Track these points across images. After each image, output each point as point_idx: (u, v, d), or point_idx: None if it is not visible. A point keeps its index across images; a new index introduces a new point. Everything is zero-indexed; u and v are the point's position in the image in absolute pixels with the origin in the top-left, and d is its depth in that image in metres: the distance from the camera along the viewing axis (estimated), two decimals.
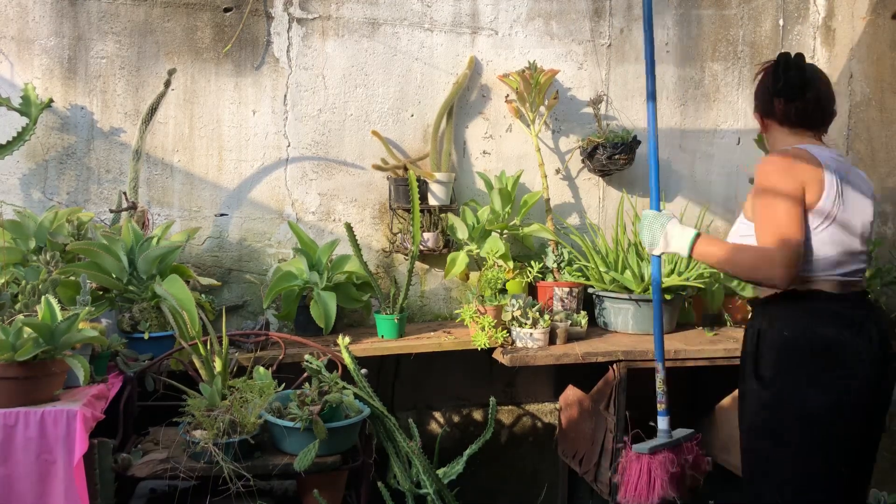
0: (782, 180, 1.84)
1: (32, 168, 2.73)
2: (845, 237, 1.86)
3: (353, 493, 2.37)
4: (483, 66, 3.11)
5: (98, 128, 2.78)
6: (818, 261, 1.85)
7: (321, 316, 2.61)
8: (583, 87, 3.21)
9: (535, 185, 3.15)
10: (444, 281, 3.08)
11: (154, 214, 2.82)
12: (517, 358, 2.55)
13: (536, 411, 3.27)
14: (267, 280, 2.87)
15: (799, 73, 1.94)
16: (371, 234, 3.03)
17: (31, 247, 2.36)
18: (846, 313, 1.84)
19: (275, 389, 2.21)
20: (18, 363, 1.78)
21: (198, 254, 2.87)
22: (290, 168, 2.94)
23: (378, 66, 3.01)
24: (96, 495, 1.87)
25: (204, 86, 2.86)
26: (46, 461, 1.78)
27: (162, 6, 2.81)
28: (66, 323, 1.83)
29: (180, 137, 2.85)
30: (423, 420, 3.14)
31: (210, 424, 2.03)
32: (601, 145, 3.03)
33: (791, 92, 1.94)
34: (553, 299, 2.87)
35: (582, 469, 2.80)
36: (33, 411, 1.78)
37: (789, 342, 1.85)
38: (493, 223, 2.92)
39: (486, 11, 3.10)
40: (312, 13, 2.94)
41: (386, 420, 2.27)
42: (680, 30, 3.28)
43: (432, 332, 2.80)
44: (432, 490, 2.23)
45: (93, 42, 2.77)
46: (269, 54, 2.91)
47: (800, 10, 3.38)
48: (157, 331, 2.36)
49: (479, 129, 3.13)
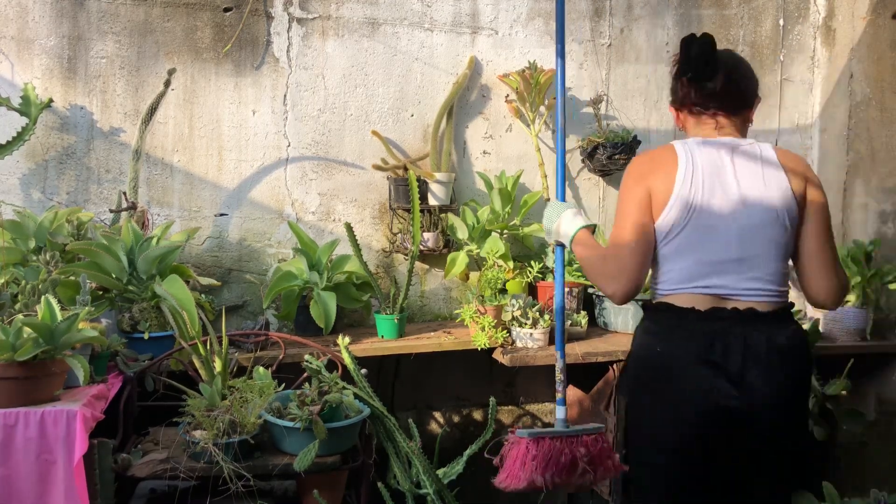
0: (631, 188, 1.76)
1: (32, 168, 2.73)
2: (703, 246, 1.72)
3: (353, 493, 2.37)
4: (483, 65, 3.11)
5: (98, 128, 2.78)
6: (669, 272, 1.76)
7: (321, 316, 2.61)
8: (583, 87, 3.21)
9: (535, 185, 3.15)
10: (444, 281, 3.08)
11: (154, 214, 2.82)
12: (517, 358, 2.55)
13: (536, 411, 3.27)
14: (267, 280, 2.87)
15: (703, 49, 1.76)
16: (371, 234, 3.03)
17: (30, 247, 2.36)
18: (690, 327, 1.72)
19: (275, 389, 2.21)
20: (18, 363, 1.78)
21: (198, 254, 2.87)
22: (290, 168, 2.94)
23: (378, 66, 3.01)
24: (96, 495, 1.87)
25: (204, 86, 2.86)
26: (46, 461, 1.78)
27: (162, 6, 2.81)
28: (66, 323, 1.83)
29: (180, 137, 2.85)
30: (423, 420, 3.14)
31: (210, 424, 2.03)
32: (601, 145, 3.03)
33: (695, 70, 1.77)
34: (553, 299, 2.87)
35: None
36: (33, 411, 1.78)
37: (632, 358, 1.87)
38: (493, 223, 2.92)
39: (486, 11, 3.10)
40: (312, 13, 2.94)
41: (386, 420, 2.27)
42: (680, 30, 3.28)
43: (432, 332, 2.79)
44: (432, 490, 2.22)
45: (93, 42, 2.76)
46: (269, 54, 2.91)
47: (800, 10, 3.38)
48: (157, 331, 2.36)
49: (479, 128, 3.12)
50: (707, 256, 1.72)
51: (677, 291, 1.76)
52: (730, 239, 1.71)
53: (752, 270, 1.71)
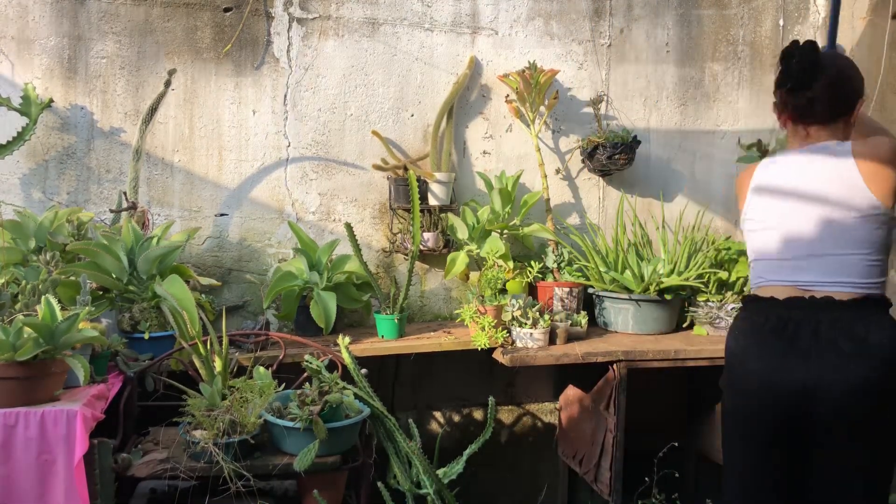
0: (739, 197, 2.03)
1: (32, 168, 2.73)
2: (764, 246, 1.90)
3: (353, 493, 2.37)
4: (483, 66, 3.11)
5: (98, 128, 2.78)
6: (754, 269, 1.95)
7: (321, 316, 2.61)
8: (583, 87, 3.21)
9: (535, 185, 3.15)
10: (444, 281, 3.08)
11: (154, 214, 2.82)
12: (517, 358, 2.55)
13: (536, 411, 3.28)
14: (267, 280, 2.87)
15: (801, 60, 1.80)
16: (371, 234, 3.03)
17: (31, 247, 2.36)
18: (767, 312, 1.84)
19: (275, 389, 2.21)
20: (18, 363, 1.78)
21: (198, 254, 2.87)
22: (290, 168, 2.94)
23: (378, 65, 3.01)
24: (96, 495, 1.87)
25: (204, 86, 2.86)
26: (46, 461, 1.78)
27: (162, 6, 2.81)
28: (66, 323, 1.83)
29: (180, 137, 2.85)
30: (423, 420, 3.14)
31: (210, 424, 2.03)
32: (601, 145, 3.03)
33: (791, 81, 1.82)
34: (553, 299, 2.87)
35: (582, 469, 2.80)
36: (33, 411, 1.78)
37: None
38: (493, 223, 2.92)
39: (486, 11, 3.10)
40: (312, 13, 2.94)
41: (386, 420, 2.27)
42: (680, 30, 3.28)
43: (432, 332, 2.79)
44: (432, 490, 2.22)
45: (93, 42, 2.77)
46: (269, 54, 2.91)
47: (800, 10, 3.37)
48: (157, 331, 2.36)
49: (480, 129, 3.13)
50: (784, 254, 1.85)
51: (761, 284, 1.91)
52: (802, 235, 1.82)
53: (830, 263, 1.79)
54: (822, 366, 1.72)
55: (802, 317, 1.77)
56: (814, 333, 1.75)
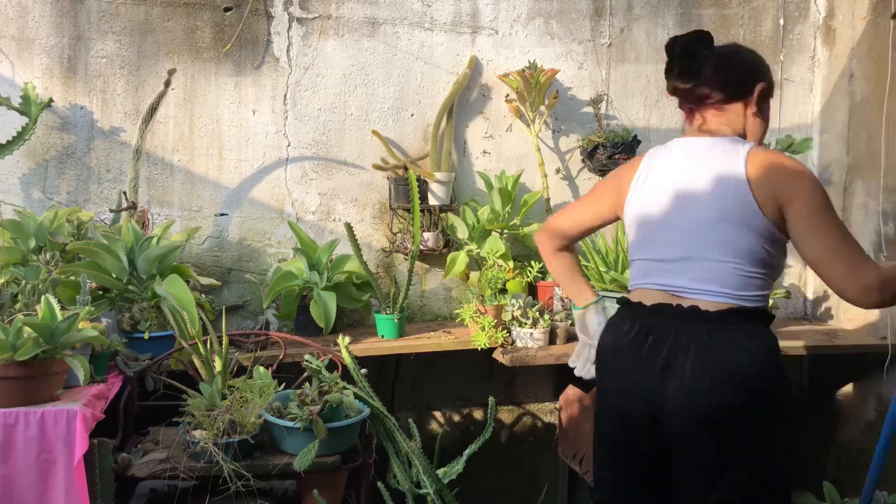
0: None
1: (32, 167, 2.73)
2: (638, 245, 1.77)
3: (353, 493, 2.37)
4: (483, 65, 3.10)
5: (98, 127, 2.78)
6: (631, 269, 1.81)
7: (321, 316, 2.61)
8: (583, 87, 3.20)
9: (535, 185, 3.14)
10: (445, 281, 3.08)
11: (154, 214, 2.82)
12: (517, 358, 2.54)
13: (536, 411, 3.28)
14: (267, 280, 2.87)
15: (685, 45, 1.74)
16: (371, 234, 3.03)
17: (31, 246, 2.36)
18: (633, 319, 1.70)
19: (275, 389, 2.21)
20: (18, 363, 1.78)
21: (198, 253, 2.87)
22: (290, 167, 2.94)
23: (378, 65, 3.00)
24: (96, 495, 1.87)
25: (204, 85, 2.86)
26: (46, 461, 1.78)
27: (162, 5, 2.81)
28: (66, 323, 1.83)
29: (180, 137, 2.85)
30: (423, 420, 3.14)
31: (210, 424, 2.03)
32: (601, 145, 3.03)
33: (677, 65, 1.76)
34: (553, 299, 2.87)
35: (582, 469, 2.80)
36: (33, 411, 1.78)
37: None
38: (494, 223, 2.92)
39: (486, 11, 3.09)
40: (312, 13, 2.94)
41: (386, 420, 2.27)
42: (680, 29, 3.27)
43: (432, 332, 2.79)
44: (432, 490, 2.22)
45: (93, 41, 2.76)
46: (269, 54, 2.91)
47: (800, 10, 3.37)
48: (157, 330, 2.36)
49: (480, 128, 3.12)
50: (656, 255, 1.72)
51: (635, 286, 1.78)
52: (673, 238, 1.68)
53: (703, 269, 1.63)
54: (676, 388, 1.57)
55: (664, 327, 1.63)
56: (671, 347, 1.60)
